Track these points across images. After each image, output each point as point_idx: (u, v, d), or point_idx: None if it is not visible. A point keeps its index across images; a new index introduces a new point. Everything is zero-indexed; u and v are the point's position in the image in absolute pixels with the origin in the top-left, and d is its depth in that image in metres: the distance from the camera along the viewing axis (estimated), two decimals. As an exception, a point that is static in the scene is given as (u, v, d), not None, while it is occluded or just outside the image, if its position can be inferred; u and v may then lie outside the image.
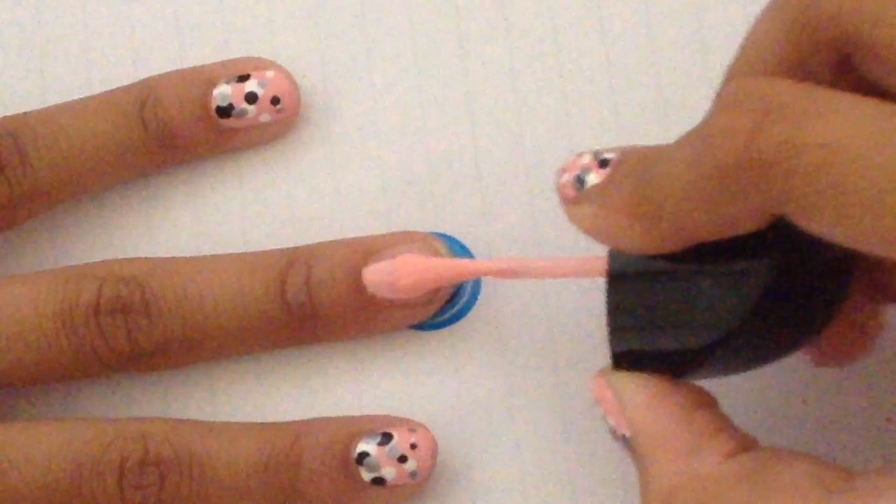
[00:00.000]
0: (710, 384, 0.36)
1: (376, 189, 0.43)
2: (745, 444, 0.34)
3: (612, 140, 0.43)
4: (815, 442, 0.41)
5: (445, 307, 0.42)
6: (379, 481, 0.39)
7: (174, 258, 0.41)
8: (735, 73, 0.35)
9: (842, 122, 0.30)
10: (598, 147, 0.36)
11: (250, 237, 0.43)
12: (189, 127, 0.41)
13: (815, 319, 0.35)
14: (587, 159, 0.36)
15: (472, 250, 0.42)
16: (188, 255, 0.42)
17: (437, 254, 0.40)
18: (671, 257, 0.34)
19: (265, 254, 0.41)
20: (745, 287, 0.33)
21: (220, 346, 0.40)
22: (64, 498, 0.38)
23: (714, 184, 0.31)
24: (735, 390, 0.39)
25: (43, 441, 0.38)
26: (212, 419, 0.41)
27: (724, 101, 0.32)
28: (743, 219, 0.32)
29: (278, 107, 0.42)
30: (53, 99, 0.43)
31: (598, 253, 0.36)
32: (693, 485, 0.33)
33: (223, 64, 0.42)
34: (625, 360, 0.35)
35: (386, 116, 0.43)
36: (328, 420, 0.40)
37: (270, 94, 0.42)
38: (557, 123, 0.43)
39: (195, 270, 0.40)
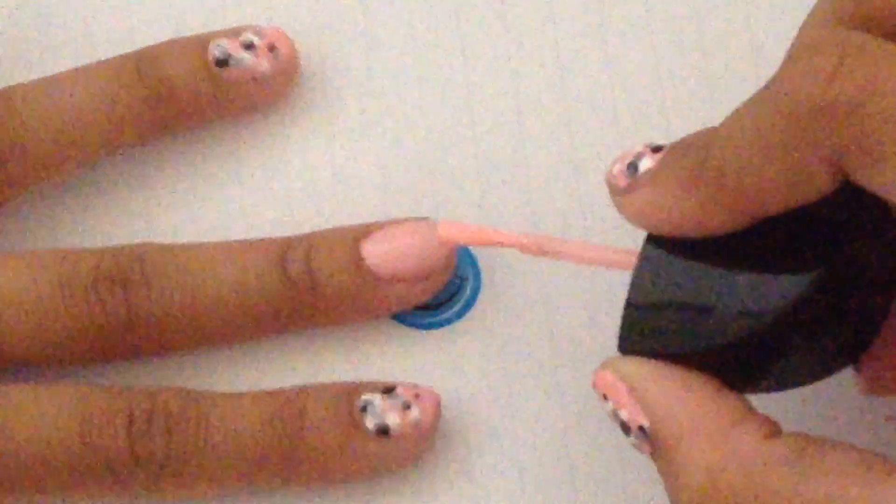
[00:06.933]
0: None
1: (375, 182, 0.43)
2: (775, 427, 0.33)
3: (612, 140, 0.43)
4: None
5: (445, 306, 0.42)
6: (383, 430, 0.39)
7: (174, 243, 0.41)
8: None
9: None
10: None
11: (247, 228, 0.43)
12: (188, 80, 0.41)
13: (854, 339, 0.34)
14: (640, 147, 0.35)
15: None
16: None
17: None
18: (706, 258, 0.33)
19: (265, 238, 0.41)
20: (782, 295, 0.32)
21: (219, 324, 0.40)
22: (74, 450, 0.38)
23: (785, 131, 0.31)
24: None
25: (53, 397, 0.39)
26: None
27: (801, 47, 0.31)
28: (809, 176, 0.31)
29: (275, 53, 0.41)
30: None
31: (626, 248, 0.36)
32: (736, 463, 0.32)
33: (217, 32, 0.42)
34: (637, 352, 0.34)
35: (386, 109, 0.43)
36: (332, 382, 0.41)
37: (267, 43, 0.41)
38: (557, 120, 0.43)
39: (195, 250, 0.40)
